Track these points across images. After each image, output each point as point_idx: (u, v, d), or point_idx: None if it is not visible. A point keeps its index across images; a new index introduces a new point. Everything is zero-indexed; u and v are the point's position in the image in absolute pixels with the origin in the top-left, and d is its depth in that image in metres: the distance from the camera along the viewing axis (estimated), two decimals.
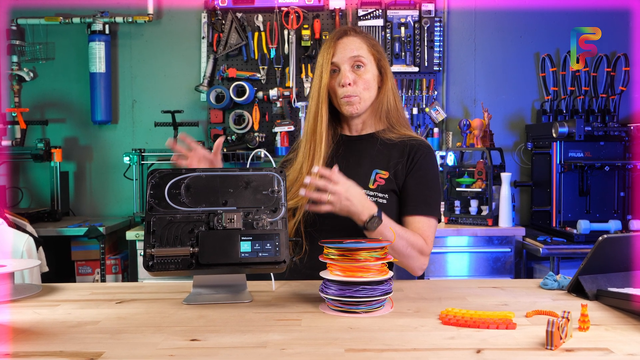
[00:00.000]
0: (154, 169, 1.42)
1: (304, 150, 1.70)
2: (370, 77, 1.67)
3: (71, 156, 3.65)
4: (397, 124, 1.73)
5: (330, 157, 1.69)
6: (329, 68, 1.66)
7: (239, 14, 3.55)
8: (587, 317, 1.11)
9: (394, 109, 1.72)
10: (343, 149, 1.72)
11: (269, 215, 1.38)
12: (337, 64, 1.66)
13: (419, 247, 1.58)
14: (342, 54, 1.65)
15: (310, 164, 1.66)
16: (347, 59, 1.65)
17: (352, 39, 1.68)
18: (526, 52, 3.61)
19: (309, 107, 1.71)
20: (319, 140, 1.66)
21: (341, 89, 1.65)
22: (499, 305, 1.31)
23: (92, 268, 3.34)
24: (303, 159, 1.69)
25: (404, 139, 1.70)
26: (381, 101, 1.71)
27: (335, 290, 1.25)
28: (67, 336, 1.11)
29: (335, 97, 1.68)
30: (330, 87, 1.67)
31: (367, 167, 1.68)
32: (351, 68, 1.66)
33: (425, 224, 1.64)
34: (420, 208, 1.64)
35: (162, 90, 3.65)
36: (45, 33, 3.63)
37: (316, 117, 1.67)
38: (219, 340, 1.08)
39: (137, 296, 1.43)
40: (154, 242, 1.33)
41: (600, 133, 3.12)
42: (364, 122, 1.74)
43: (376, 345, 1.05)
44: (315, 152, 1.67)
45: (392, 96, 1.71)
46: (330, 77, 1.67)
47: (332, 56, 1.66)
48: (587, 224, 2.91)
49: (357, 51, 1.65)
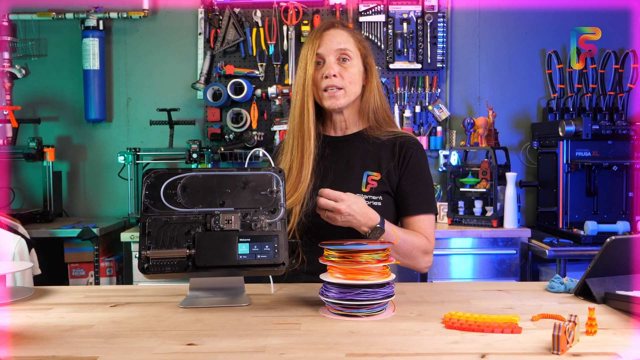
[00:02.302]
0: (150, 169, 1.42)
1: (292, 147, 1.68)
2: (355, 71, 1.66)
3: (64, 155, 3.65)
4: (383, 122, 1.72)
5: (317, 159, 1.67)
6: (314, 59, 1.65)
7: (236, 10, 3.55)
8: (595, 321, 1.11)
9: (380, 108, 1.72)
10: (330, 150, 1.70)
11: (268, 216, 1.38)
12: (322, 55, 1.65)
13: (423, 247, 1.60)
14: (328, 45, 1.64)
15: (300, 160, 1.65)
16: (334, 51, 1.64)
17: (339, 32, 1.67)
18: (532, 49, 3.61)
19: (294, 102, 1.69)
20: (307, 135, 1.65)
21: (325, 80, 1.63)
22: (504, 308, 1.31)
23: (85, 270, 3.34)
24: (292, 157, 1.67)
25: (391, 137, 1.70)
26: (367, 100, 1.70)
27: (335, 294, 1.25)
28: (60, 340, 1.11)
29: (317, 91, 1.66)
30: (314, 79, 1.65)
31: (357, 169, 1.67)
32: (337, 60, 1.64)
33: (426, 222, 1.65)
34: (421, 207, 1.64)
35: (158, 87, 3.65)
36: (38, 29, 3.63)
37: (302, 112, 1.66)
38: (217, 344, 1.08)
39: (132, 299, 1.43)
40: (149, 243, 1.33)
41: (608, 132, 3.12)
42: (348, 121, 1.72)
43: (378, 350, 1.05)
44: (305, 148, 1.65)
45: (378, 94, 1.71)
46: (315, 69, 1.65)
47: (317, 47, 1.64)
48: (595, 225, 2.91)
49: (344, 44, 1.65)
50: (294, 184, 1.64)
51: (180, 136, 3.52)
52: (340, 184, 1.64)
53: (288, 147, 1.70)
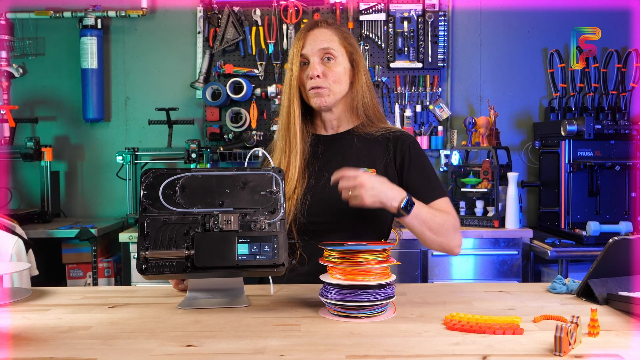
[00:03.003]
0: (148, 169, 1.42)
1: (280, 146, 1.71)
2: (340, 70, 1.67)
3: (62, 155, 3.65)
4: (374, 118, 1.74)
5: (310, 158, 1.69)
6: (298, 60, 1.66)
7: (235, 8, 3.55)
8: (597, 322, 1.11)
9: (370, 104, 1.73)
10: (322, 149, 1.72)
11: (267, 217, 1.38)
12: (306, 56, 1.66)
13: (452, 223, 1.58)
14: (311, 46, 1.66)
15: (287, 160, 1.67)
16: (317, 51, 1.65)
17: (323, 31, 1.68)
18: (534, 48, 3.61)
19: (282, 102, 1.72)
20: (294, 135, 1.67)
21: (309, 81, 1.65)
22: (505, 309, 1.31)
23: (83, 271, 3.34)
24: (281, 156, 1.70)
25: (383, 133, 1.71)
26: (355, 96, 1.71)
27: (335, 295, 1.25)
28: (58, 342, 1.11)
29: (304, 91, 1.68)
30: (300, 80, 1.68)
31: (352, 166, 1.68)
32: (320, 60, 1.66)
33: (445, 204, 1.64)
34: (434, 193, 1.64)
35: (157, 87, 3.65)
36: (35, 27, 3.63)
37: (289, 112, 1.68)
38: (216, 346, 1.08)
39: (131, 300, 1.43)
40: (147, 244, 1.33)
41: (610, 131, 3.12)
42: (339, 119, 1.74)
43: (378, 351, 1.05)
44: (292, 147, 1.67)
45: (368, 91, 1.72)
46: (300, 70, 1.67)
47: (301, 48, 1.66)
48: (597, 226, 2.91)
49: (327, 43, 1.66)
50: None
51: (179, 136, 3.52)
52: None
53: (277, 147, 1.73)
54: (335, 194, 1.51)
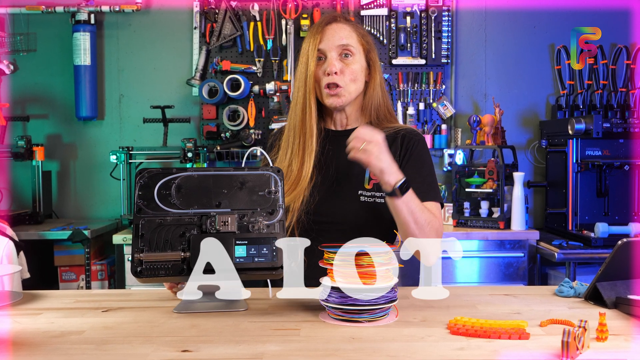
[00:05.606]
0: (143, 168, 1.42)
1: (293, 145, 1.69)
2: (358, 68, 1.67)
3: (54, 154, 3.65)
4: (384, 118, 1.74)
5: (317, 154, 1.69)
6: (315, 55, 1.66)
7: (233, 3, 3.55)
8: (606, 327, 1.11)
9: (383, 105, 1.73)
10: (330, 145, 1.71)
11: (266, 218, 1.38)
12: (323, 51, 1.66)
13: (437, 227, 1.58)
14: (330, 41, 1.65)
15: (301, 160, 1.66)
16: (335, 47, 1.65)
17: (342, 26, 1.68)
18: (540, 44, 3.61)
19: (295, 98, 1.70)
20: (309, 133, 1.66)
21: (326, 77, 1.64)
22: (511, 313, 1.31)
23: (76, 274, 3.34)
24: (292, 156, 1.68)
25: (392, 131, 1.70)
26: (370, 96, 1.71)
27: (336, 298, 1.25)
28: (50, 347, 1.11)
29: (318, 87, 1.68)
30: (315, 75, 1.67)
31: (359, 165, 1.68)
32: (338, 56, 1.65)
33: (435, 208, 1.64)
34: (426, 194, 1.64)
35: (152, 84, 3.65)
36: (27, 23, 3.63)
37: (304, 109, 1.67)
38: (212, 351, 1.08)
39: (125, 304, 1.43)
40: (142, 246, 1.33)
41: (619, 130, 3.12)
42: (349, 117, 1.74)
43: (380, 356, 1.05)
44: (306, 146, 1.67)
45: (381, 91, 1.72)
46: (316, 65, 1.67)
47: (319, 42, 1.65)
48: (606, 227, 2.90)
49: (346, 39, 1.66)
50: (294, 181, 1.66)
51: (174, 134, 3.52)
52: (342, 180, 1.67)
53: (288, 143, 1.71)
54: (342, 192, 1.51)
